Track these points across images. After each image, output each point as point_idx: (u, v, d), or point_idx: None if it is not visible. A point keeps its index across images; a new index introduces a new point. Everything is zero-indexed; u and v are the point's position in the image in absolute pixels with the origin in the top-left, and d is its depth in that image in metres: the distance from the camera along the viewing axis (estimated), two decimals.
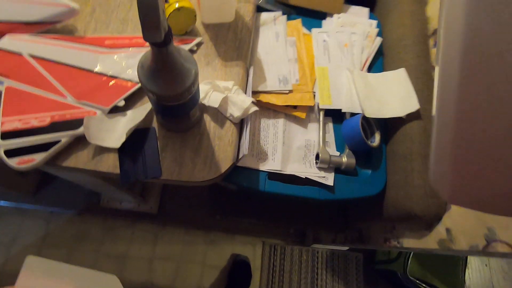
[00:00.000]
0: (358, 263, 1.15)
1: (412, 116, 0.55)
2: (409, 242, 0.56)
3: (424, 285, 0.96)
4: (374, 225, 0.70)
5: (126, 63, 0.47)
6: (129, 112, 0.46)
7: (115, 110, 0.45)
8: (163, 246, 1.09)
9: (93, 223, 1.08)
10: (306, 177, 0.53)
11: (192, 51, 0.52)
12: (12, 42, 0.44)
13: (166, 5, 0.46)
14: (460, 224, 0.45)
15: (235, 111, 0.47)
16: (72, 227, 1.07)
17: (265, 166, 0.53)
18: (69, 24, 0.49)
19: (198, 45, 0.52)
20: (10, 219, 1.06)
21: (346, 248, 1.15)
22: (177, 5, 0.46)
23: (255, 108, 0.48)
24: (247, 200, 0.77)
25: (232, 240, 1.13)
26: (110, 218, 1.09)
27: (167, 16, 0.47)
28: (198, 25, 0.54)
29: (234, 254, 1.11)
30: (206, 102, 0.47)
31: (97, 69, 0.45)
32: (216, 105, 0.46)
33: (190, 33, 0.53)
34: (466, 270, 1.01)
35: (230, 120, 0.48)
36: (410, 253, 0.99)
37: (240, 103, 0.47)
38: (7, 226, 1.05)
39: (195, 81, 0.37)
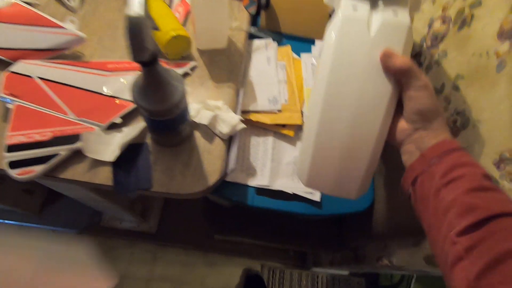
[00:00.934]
0: None
1: None
2: (399, 260, 0.55)
3: None
4: (369, 244, 0.70)
5: (125, 85, 0.51)
6: (124, 129, 0.49)
7: (113, 127, 0.49)
8: (162, 267, 1.09)
9: (93, 243, 1.10)
10: (293, 193, 0.55)
11: (187, 73, 0.56)
12: (25, 66, 0.49)
13: (161, 33, 0.52)
14: None
15: (224, 128, 0.50)
16: None
17: (254, 182, 0.55)
18: (77, 50, 0.54)
19: (193, 68, 0.57)
20: (14, 238, 1.09)
21: (347, 272, 1.12)
22: (174, 34, 0.52)
23: (242, 125, 0.51)
24: (242, 218, 0.78)
25: (231, 262, 1.12)
26: (110, 238, 1.10)
27: (165, 43, 0.52)
28: (195, 51, 0.59)
29: (246, 269, 1.09)
30: (197, 120, 0.51)
31: (98, 89, 0.50)
32: (205, 122, 0.50)
33: (186, 57, 0.58)
34: None
35: (219, 136, 0.51)
36: (413, 277, 0.96)
37: (229, 119, 0.50)
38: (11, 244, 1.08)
39: (183, 98, 0.40)
